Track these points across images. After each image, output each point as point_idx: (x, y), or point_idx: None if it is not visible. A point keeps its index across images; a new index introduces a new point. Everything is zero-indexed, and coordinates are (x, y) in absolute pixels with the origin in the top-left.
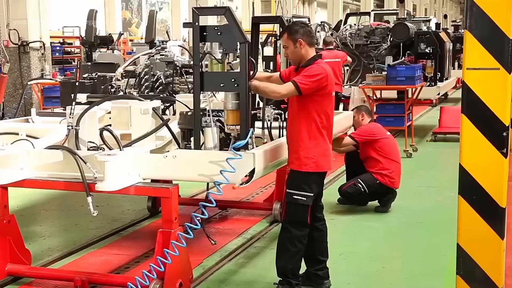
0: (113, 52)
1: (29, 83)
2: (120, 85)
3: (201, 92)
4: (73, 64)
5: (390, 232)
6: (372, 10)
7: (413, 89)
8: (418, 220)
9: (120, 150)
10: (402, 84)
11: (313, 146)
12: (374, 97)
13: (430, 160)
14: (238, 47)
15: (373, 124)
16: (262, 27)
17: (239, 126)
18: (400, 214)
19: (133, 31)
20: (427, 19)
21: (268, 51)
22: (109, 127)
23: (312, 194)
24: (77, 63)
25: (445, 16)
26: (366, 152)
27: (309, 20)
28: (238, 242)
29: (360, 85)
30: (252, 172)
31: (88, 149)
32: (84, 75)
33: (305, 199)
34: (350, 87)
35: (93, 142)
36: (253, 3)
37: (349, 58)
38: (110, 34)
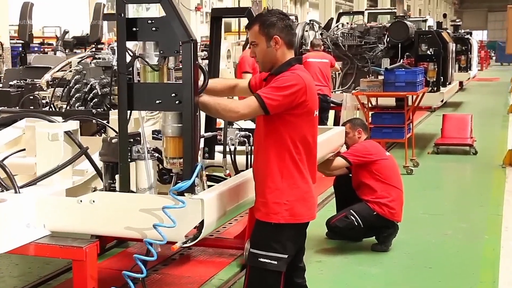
0: (55, 53)
1: None
2: (46, 96)
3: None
4: None
5: (391, 282)
6: (366, 9)
7: (414, 96)
8: (426, 263)
9: (16, 192)
10: (401, 91)
11: (287, 187)
12: (369, 105)
13: (433, 178)
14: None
15: (369, 142)
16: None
17: (182, 159)
18: (402, 255)
19: None
20: (424, 19)
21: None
22: (21, 152)
23: (285, 256)
24: None
25: (445, 16)
26: (360, 176)
27: (296, 19)
28: None
29: (353, 91)
30: (202, 224)
31: None
32: (11, 82)
33: (275, 262)
34: (342, 93)
35: None
36: (238, 2)
37: (337, 66)
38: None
